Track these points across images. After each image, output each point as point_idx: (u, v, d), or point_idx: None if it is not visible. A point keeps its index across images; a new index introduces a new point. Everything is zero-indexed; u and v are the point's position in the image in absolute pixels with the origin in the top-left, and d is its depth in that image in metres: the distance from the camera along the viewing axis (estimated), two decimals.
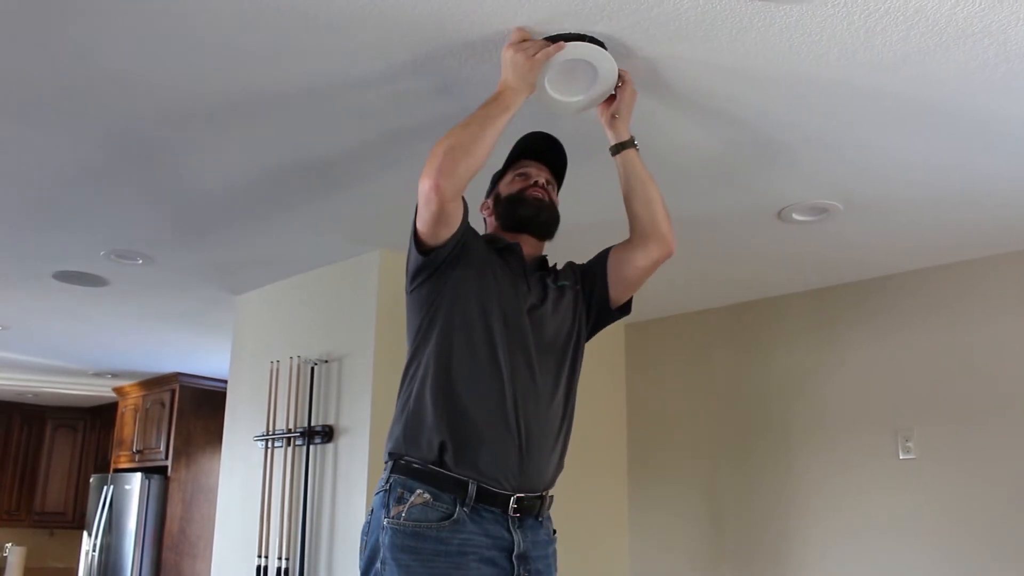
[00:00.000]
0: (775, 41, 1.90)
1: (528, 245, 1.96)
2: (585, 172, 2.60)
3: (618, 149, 2.00)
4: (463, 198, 1.78)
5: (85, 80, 2.12)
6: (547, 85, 1.90)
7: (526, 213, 1.95)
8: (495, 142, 1.76)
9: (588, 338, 2.04)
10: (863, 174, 2.64)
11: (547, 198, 1.98)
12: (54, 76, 2.10)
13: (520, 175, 1.99)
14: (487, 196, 2.06)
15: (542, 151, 2.04)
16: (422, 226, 1.75)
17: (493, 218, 2.02)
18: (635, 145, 2.00)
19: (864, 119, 2.28)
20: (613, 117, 1.99)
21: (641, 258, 2.00)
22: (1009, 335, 3.27)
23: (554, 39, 1.85)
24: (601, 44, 1.87)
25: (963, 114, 2.24)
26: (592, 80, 1.90)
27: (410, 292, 1.86)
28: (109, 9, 1.82)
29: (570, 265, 2.08)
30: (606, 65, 1.87)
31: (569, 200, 2.80)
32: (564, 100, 1.95)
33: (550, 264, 2.05)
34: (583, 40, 1.85)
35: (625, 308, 2.09)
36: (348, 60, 2.02)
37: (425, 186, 1.69)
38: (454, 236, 1.77)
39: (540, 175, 2.00)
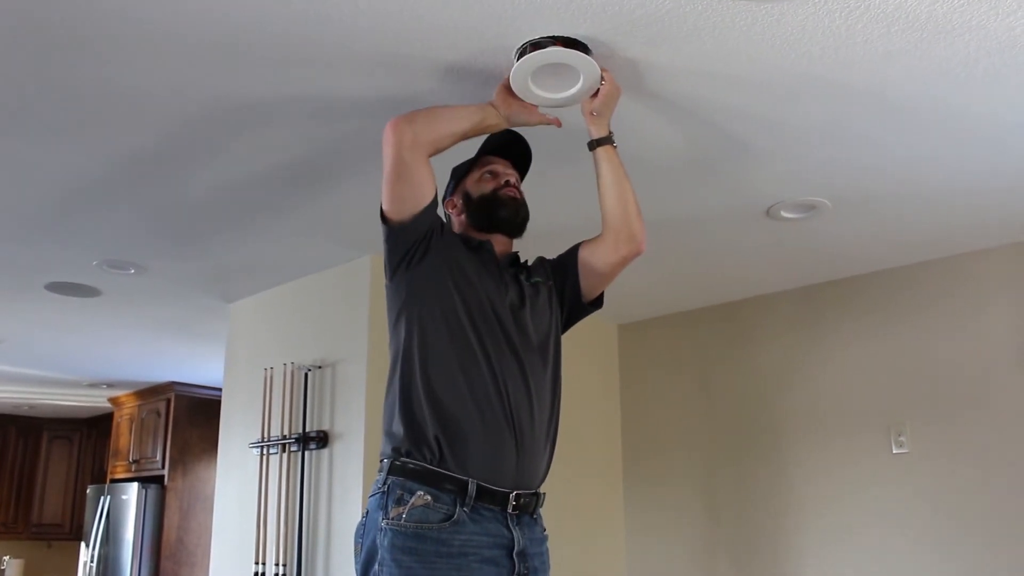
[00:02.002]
0: (758, 40, 1.92)
1: (499, 243, 1.97)
2: (569, 174, 2.61)
3: (595, 145, 2.01)
4: (435, 186, 1.80)
5: (76, 93, 2.13)
6: (530, 81, 1.91)
7: (505, 215, 1.96)
8: (457, 133, 1.86)
9: (563, 332, 2.06)
10: (849, 171, 2.65)
11: (521, 197, 2.00)
12: (46, 89, 2.11)
13: (488, 172, 1.99)
14: (451, 193, 2.05)
15: (506, 146, 2.05)
16: (386, 192, 1.78)
17: (464, 217, 2.00)
18: (612, 142, 2.01)
19: (849, 116, 2.30)
20: (592, 114, 1.99)
21: (611, 254, 2.01)
22: (998, 328, 3.29)
23: (538, 42, 1.87)
24: (585, 46, 1.89)
25: (946, 109, 2.26)
26: (574, 80, 1.92)
27: (391, 278, 1.86)
28: (101, 23, 1.82)
29: (540, 260, 2.09)
30: (586, 67, 1.88)
31: (552, 202, 2.83)
32: (545, 96, 1.95)
33: (521, 260, 2.06)
34: (567, 44, 1.86)
35: (597, 302, 2.10)
36: (339, 70, 2.03)
37: (386, 129, 1.76)
38: (426, 214, 1.79)
39: (508, 172, 2.01)
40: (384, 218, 1.81)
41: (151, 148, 2.46)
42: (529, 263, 2.07)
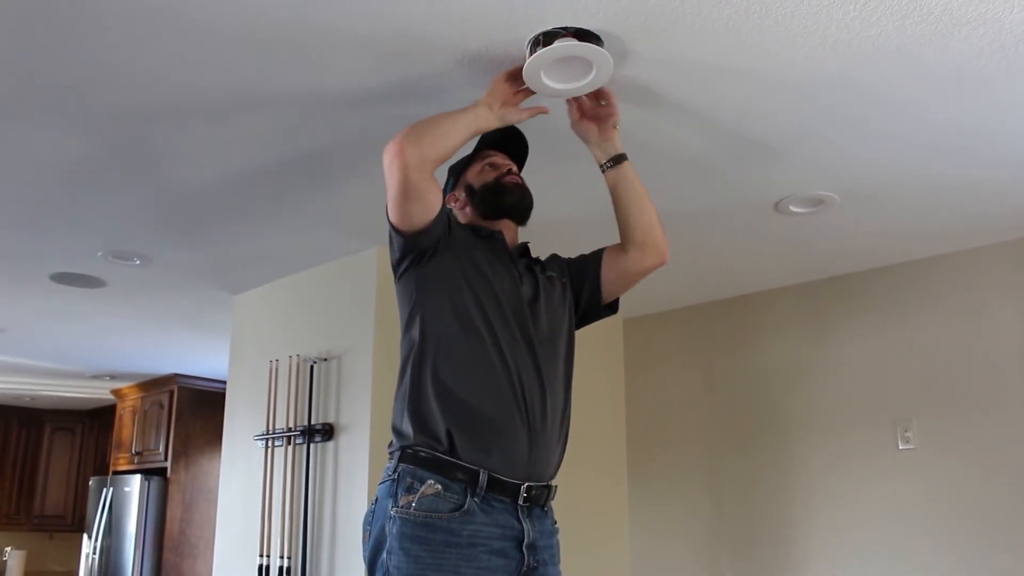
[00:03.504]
0: (770, 33, 1.91)
1: (508, 231, 1.99)
2: (572, 168, 2.60)
3: (617, 162, 2.01)
4: (441, 192, 1.79)
5: (80, 78, 2.12)
6: (543, 75, 1.90)
7: (512, 200, 1.98)
8: (458, 144, 1.81)
9: (576, 330, 2.07)
10: (859, 165, 2.64)
11: (524, 183, 2.02)
12: (49, 75, 2.10)
13: (489, 164, 2.01)
14: (451, 188, 2.06)
15: (503, 139, 2.06)
16: (394, 209, 1.75)
17: (468, 209, 2.01)
18: (627, 157, 2.03)
19: (860, 110, 2.29)
20: (599, 132, 2.01)
21: (636, 265, 2.04)
22: (1007, 324, 3.28)
23: (551, 34, 1.86)
24: (597, 37, 1.88)
25: (959, 103, 2.25)
26: (585, 70, 1.90)
27: (399, 278, 1.87)
28: (104, 6, 1.81)
29: (555, 257, 2.11)
30: (600, 60, 1.87)
31: (557, 196, 2.82)
32: (557, 87, 1.93)
33: (532, 254, 2.06)
34: (578, 35, 1.85)
35: (613, 306, 2.12)
36: (344, 57, 2.02)
37: (388, 153, 1.72)
38: (436, 222, 1.77)
39: (508, 163, 2.03)
40: (394, 228, 1.80)
41: (156, 136, 2.45)
42: (542, 259, 2.08)
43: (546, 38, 1.86)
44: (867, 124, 2.37)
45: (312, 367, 3.55)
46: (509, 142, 2.07)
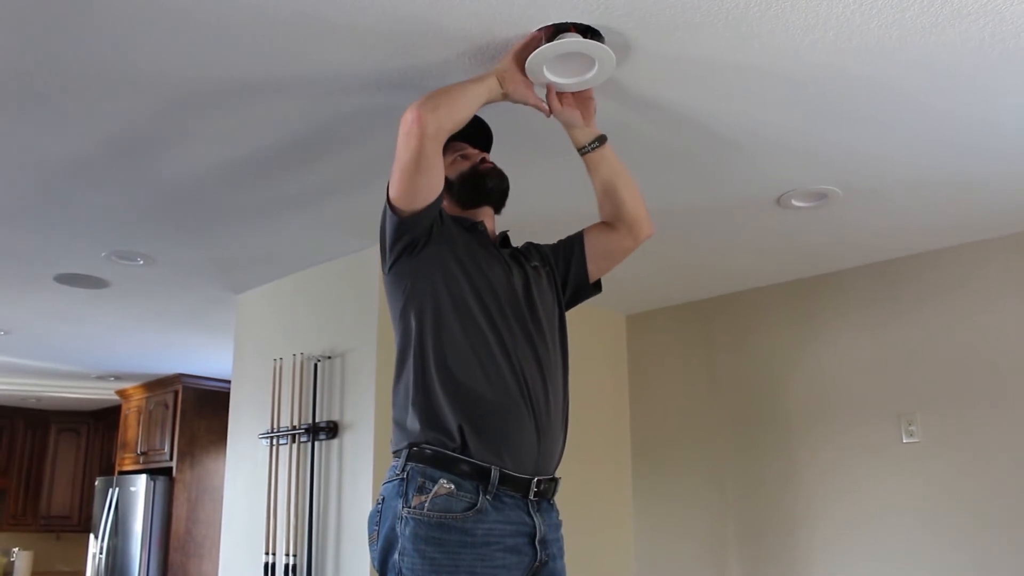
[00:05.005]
0: (771, 26, 1.90)
1: (489, 221, 1.98)
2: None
3: (600, 142, 2.01)
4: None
5: (81, 76, 2.12)
6: (545, 69, 1.89)
7: (492, 183, 1.98)
8: (469, 117, 1.80)
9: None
10: (861, 159, 2.64)
11: (499, 168, 2.01)
12: (50, 72, 2.10)
13: (461, 156, 2.00)
14: None
15: (468, 133, 2.02)
16: (401, 183, 1.72)
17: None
18: (606, 139, 2.04)
19: (861, 103, 2.28)
20: (582, 117, 2.00)
21: (627, 241, 2.07)
22: (1011, 317, 3.27)
23: (554, 28, 1.86)
24: (597, 33, 1.88)
25: (960, 96, 2.25)
26: (586, 66, 1.90)
27: (390, 268, 1.84)
28: (102, 1, 1.81)
29: (532, 246, 2.10)
30: (603, 56, 1.87)
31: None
32: (558, 82, 1.93)
33: (512, 243, 2.06)
34: (580, 30, 1.86)
35: (598, 285, 2.14)
36: (348, 53, 2.02)
37: (406, 121, 1.69)
38: (435, 205, 1.76)
39: (479, 152, 2.02)
40: (393, 208, 1.77)
41: (157, 134, 2.45)
42: (519, 248, 2.07)
43: (549, 33, 1.87)
44: (868, 117, 2.37)
45: (316, 365, 3.56)
46: (475, 134, 2.05)
